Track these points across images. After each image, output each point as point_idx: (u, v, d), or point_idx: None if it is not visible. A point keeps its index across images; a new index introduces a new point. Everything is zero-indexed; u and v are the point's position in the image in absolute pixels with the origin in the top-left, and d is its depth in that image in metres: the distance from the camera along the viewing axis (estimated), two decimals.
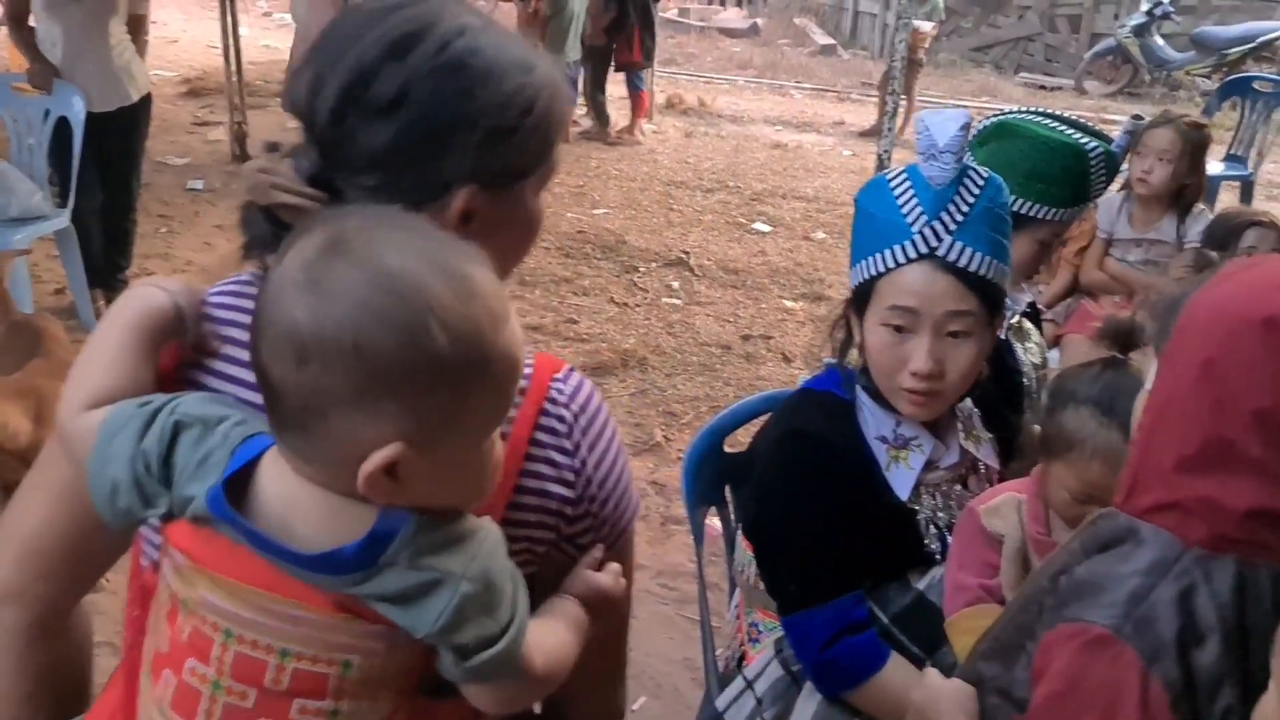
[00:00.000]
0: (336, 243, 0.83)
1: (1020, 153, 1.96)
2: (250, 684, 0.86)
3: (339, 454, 0.83)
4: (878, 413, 1.60)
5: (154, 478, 0.88)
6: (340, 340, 0.79)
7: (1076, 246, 3.78)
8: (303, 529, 0.85)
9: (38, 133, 4.48)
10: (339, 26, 1.02)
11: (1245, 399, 1.00)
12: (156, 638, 0.91)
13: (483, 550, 0.88)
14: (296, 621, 0.85)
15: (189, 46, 11.12)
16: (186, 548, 0.87)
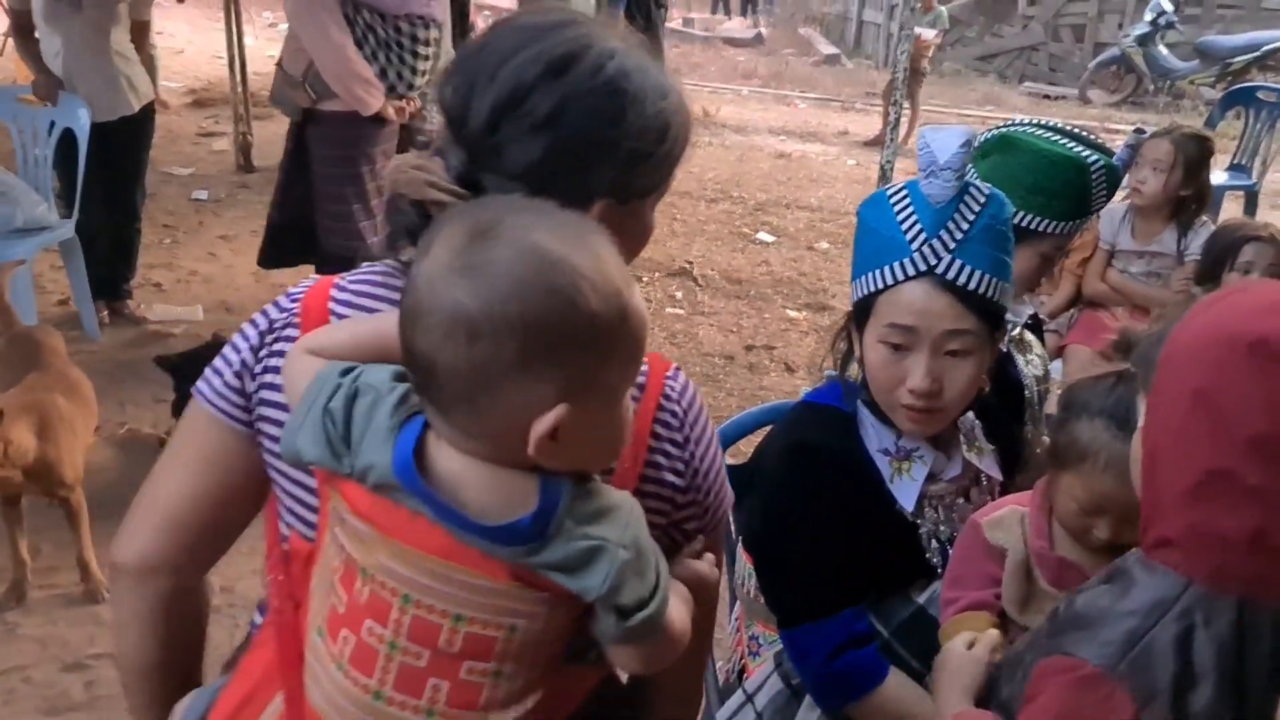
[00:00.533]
0: (484, 229, 0.90)
1: (1022, 166, 1.96)
2: (425, 645, 0.93)
3: (507, 423, 0.90)
4: (879, 426, 1.60)
5: (340, 438, 0.95)
6: (508, 313, 0.87)
7: (1079, 257, 3.78)
8: (472, 501, 0.92)
9: (43, 144, 4.50)
10: (496, 39, 1.09)
11: (1240, 426, 0.98)
12: (331, 599, 0.97)
13: (632, 519, 0.96)
14: (472, 589, 0.92)
15: (194, 57, 11.16)
16: (369, 515, 0.94)
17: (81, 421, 3.11)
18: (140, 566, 1.16)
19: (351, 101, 3.83)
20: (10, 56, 8.34)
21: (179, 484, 1.15)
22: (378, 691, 0.94)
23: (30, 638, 2.85)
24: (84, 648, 2.81)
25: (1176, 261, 3.66)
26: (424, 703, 0.94)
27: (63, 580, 3.06)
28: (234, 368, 1.16)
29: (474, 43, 1.11)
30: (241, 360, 1.16)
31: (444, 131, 1.11)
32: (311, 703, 0.99)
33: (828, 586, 1.56)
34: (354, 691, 0.95)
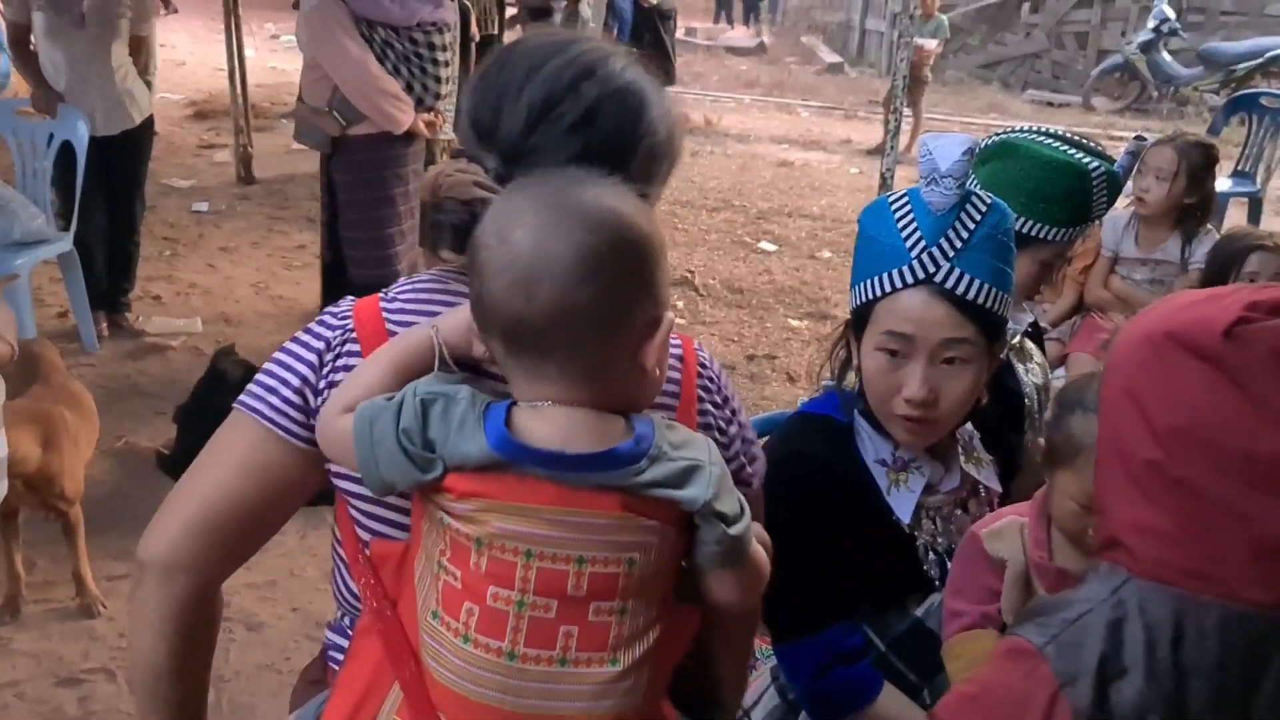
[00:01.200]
0: (557, 192, 1.03)
1: (1022, 172, 1.93)
2: (553, 595, 1.00)
3: (630, 344, 1.03)
4: (876, 437, 1.57)
5: (419, 449, 1.01)
6: (621, 240, 1.00)
7: (1082, 265, 3.75)
8: (575, 447, 1.00)
9: (42, 157, 4.50)
10: (517, 55, 1.18)
11: (1160, 418, 1.00)
12: (442, 579, 1.03)
13: (712, 447, 1.08)
14: (589, 528, 1.00)
15: (195, 69, 11.18)
16: (476, 491, 1.00)
17: (84, 435, 3.10)
18: (167, 564, 1.16)
19: (382, 120, 3.81)
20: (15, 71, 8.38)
21: (219, 486, 1.16)
22: (511, 652, 1.00)
23: (24, 652, 2.82)
24: (78, 663, 2.79)
25: (1180, 270, 3.63)
26: (557, 652, 1.00)
27: (58, 595, 3.05)
28: (293, 385, 1.17)
29: (494, 60, 1.20)
30: (302, 378, 1.18)
31: (472, 142, 1.18)
32: (441, 682, 1.03)
33: (820, 601, 1.54)
34: (486, 658, 1.00)
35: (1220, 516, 0.99)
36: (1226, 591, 0.99)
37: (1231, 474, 0.98)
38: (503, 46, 1.25)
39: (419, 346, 1.10)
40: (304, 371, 1.18)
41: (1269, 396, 0.96)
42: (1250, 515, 0.97)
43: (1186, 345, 1.00)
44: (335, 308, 1.23)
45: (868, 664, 1.52)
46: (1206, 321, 0.99)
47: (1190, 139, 3.68)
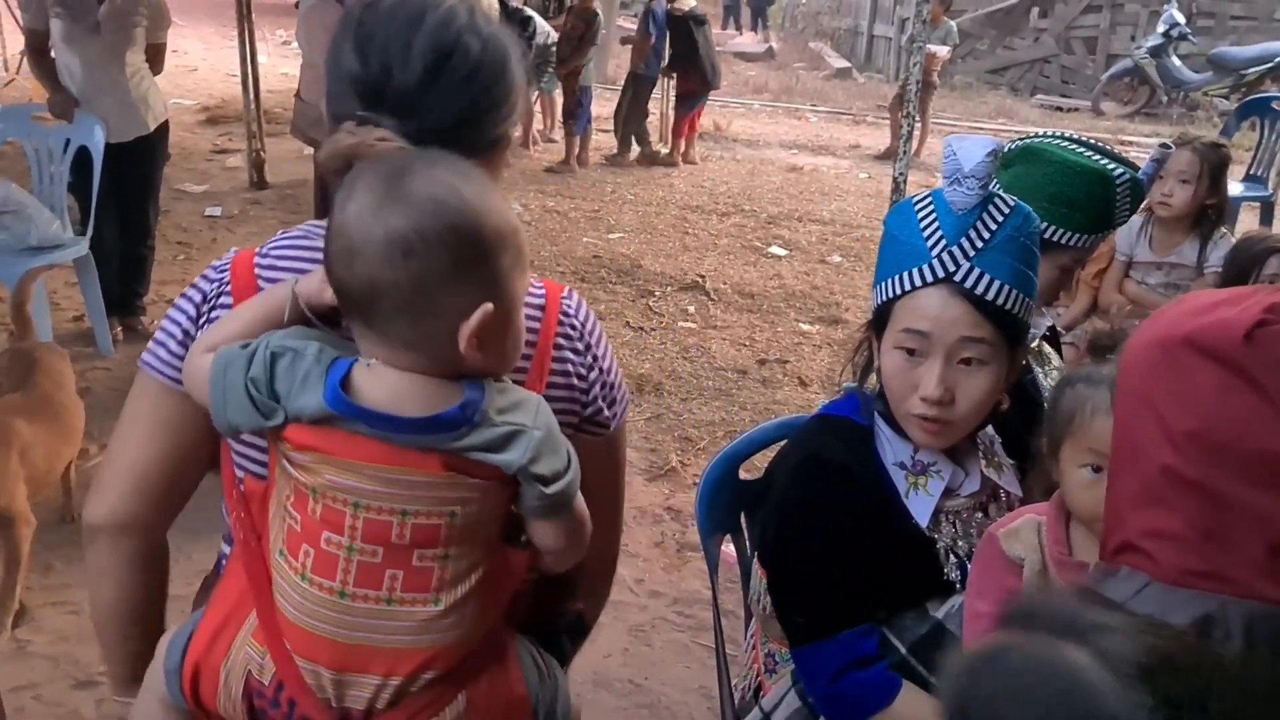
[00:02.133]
0: (398, 172, 1.07)
1: (1045, 177, 1.93)
2: (378, 543, 1.09)
3: (442, 327, 1.06)
4: (895, 439, 1.57)
5: (265, 397, 1.08)
6: (436, 229, 1.04)
7: (1095, 268, 3.75)
8: (406, 409, 1.07)
9: (58, 162, 4.52)
10: (390, 10, 1.20)
11: (1175, 421, 1.00)
12: (287, 523, 1.12)
13: (541, 409, 1.14)
14: (412, 485, 1.08)
15: (208, 75, 11.24)
16: (311, 444, 1.08)
17: (43, 450, 2.98)
18: (113, 526, 1.26)
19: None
20: (25, 75, 8.41)
21: (141, 448, 1.25)
22: (341, 591, 1.10)
23: (41, 655, 2.83)
24: (95, 665, 2.80)
25: (1196, 273, 3.63)
26: (383, 593, 1.11)
27: (74, 597, 3.05)
28: (177, 338, 1.26)
29: (359, 19, 1.22)
30: (183, 330, 1.26)
31: (354, 102, 1.19)
32: (285, 614, 1.13)
33: (836, 604, 1.53)
34: (320, 595, 1.11)
35: (1237, 518, 0.98)
36: (1247, 591, 1.00)
37: (1248, 475, 0.98)
38: (359, 6, 1.24)
39: (284, 300, 1.16)
40: (185, 324, 1.26)
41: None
42: (1267, 515, 0.98)
43: (1204, 349, 1.00)
44: (218, 260, 1.30)
45: (883, 668, 1.51)
46: (1225, 325, 0.99)
47: (1205, 140, 3.68)
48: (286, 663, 1.14)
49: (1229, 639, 1.00)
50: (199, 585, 1.46)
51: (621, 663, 2.96)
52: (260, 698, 1.16)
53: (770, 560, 1.65)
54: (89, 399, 4.21)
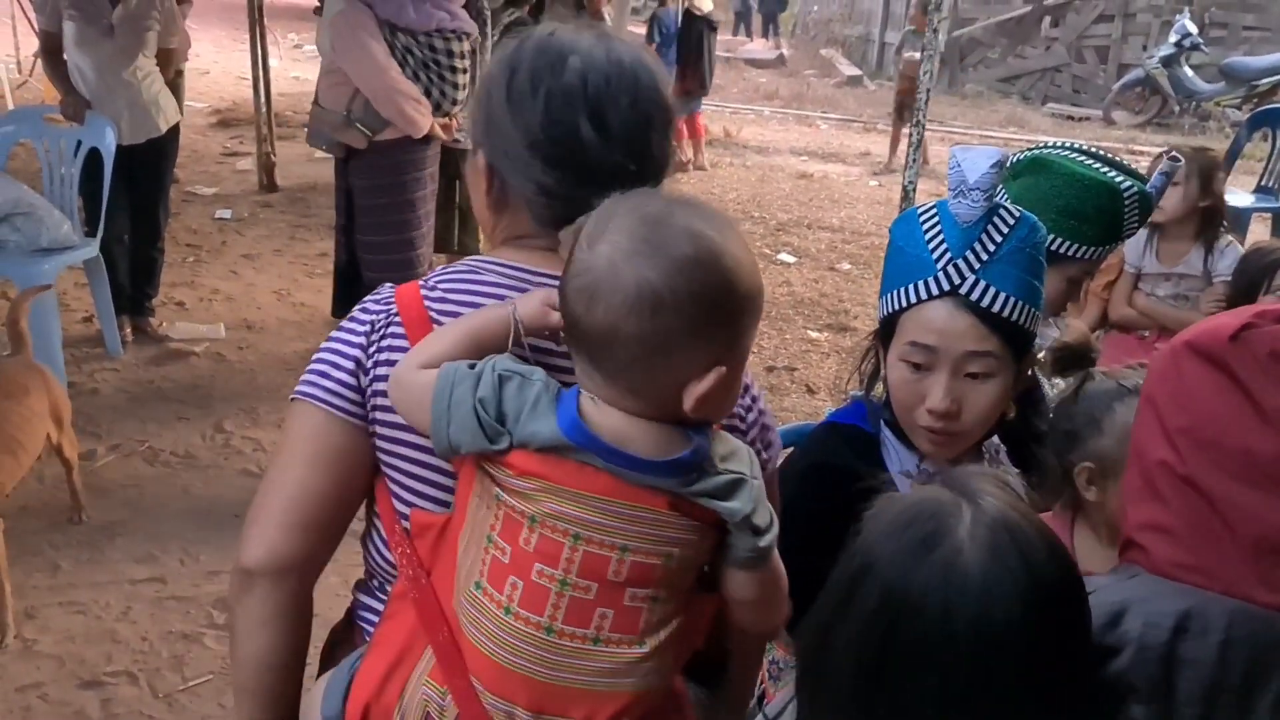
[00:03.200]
0: (657, 219, 1.05)
1: (1053, 188, 1.93)
2: (594, 579, 1.06)
3: (672, 382, 1.05)
4: (901, 448, 1.57)
5: (492, 419, 1.06)
6: (688, 289, 1.02)
7: (1105, 280, 3.74)
8: (636, 449, 1.06)
9: (69, 163, 4.54)
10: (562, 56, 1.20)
11: (1172, 420, 1.05)
12: (491, 553, 1.09)
13: (754, 460, 1.13)
14: (637, 520, 1.06)
15: (219, 78, 11.27)
16: (538, 471, 1.06)
17: None
18: (276, 568, 1.19)
19: (404, 124, 3.85)
20: (38, 77, 8.45)
21: (299, 483, 1.20)
22: (549, 627, 1.07)
23: (47, 655, 2.84)
24: (101, 665, 2.81)
25: (1205, 282, 3.61)
26: (591, 630, 1.07)
27: (81, 598, 3.06)
28: (346, 368, 1.21)
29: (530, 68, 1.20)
30: (354, 360, 1.21)
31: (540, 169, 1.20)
32: (480, 649, 1.09)
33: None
34: (525, 630, 1.07)
35: (1223, 514, 1.01)
36: (1231, 589, 1.01)
37: (1232, 472, 1.01)
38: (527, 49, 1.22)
39: (497, 321, 1.14)
40: (354, 354, 1.21)
41: (1268, 398, 0.99)
42: (1251, 514, 1.00)
43: (1197, 350, 1.05)
44: (376, 294, 1.25)
45: None
46: (1218, 329, 1.04)
47: (1190, 147, 3.71)
48: (470, 702, 1.10)
49: (1208, 633, 1.02)
50: (325, 639, 1.38)
51: None
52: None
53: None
54: (98, 400, 4.25)
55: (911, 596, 0.93)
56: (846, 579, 1.02)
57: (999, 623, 0.91)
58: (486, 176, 1.24)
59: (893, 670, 0.94)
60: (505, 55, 1.23)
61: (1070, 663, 0.94)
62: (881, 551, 0.98)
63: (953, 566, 0.92)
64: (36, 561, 3.21)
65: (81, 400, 4.07)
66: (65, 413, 3.31)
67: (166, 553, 3.29)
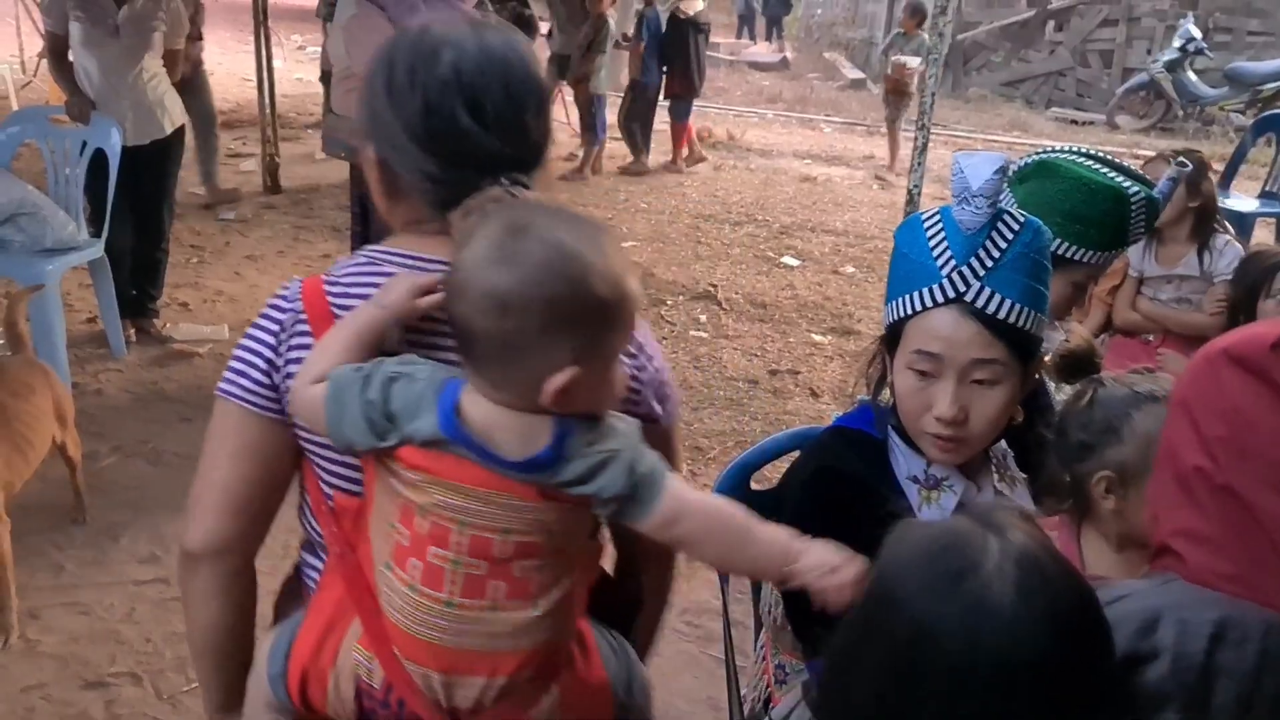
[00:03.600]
0: (518, 228, 1.13)
1: (1060, 193, 1.92)
2: (482, 557, 1.16)
3: (529, 379, 1.13)
4: (909, 453, 1.57)
5: (381, 419, 1.15)
6: (533, 295, 1.10)
7: (1109, 284, 3.74)
8: (502, 442, 1.15)
9: (74, 164, 4.54)
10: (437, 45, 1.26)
11: (1209, 427, 1.04)
12: (394, 537, 1.19)
13: (629, 430, 1.21)
14: (512, 509, 1.15)
15: (223, 79, 11.25)
16: (422, 465, 1.15)
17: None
18: (215, 549, 1.31)
19: None
20: (43, 78, 8.47)
21: (231, 472, 1.29)
22: (449, 601, 1.17)
23: (50, 655, 2.84)
24: (104, 666, 2.81)
25: (1205, 283, 3.62)
26: (487, 601, 1.18)
27: (85, 598, 3.07)
28: (260, 368, 1.29)
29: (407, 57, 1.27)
30: (267, 360, 1.28)
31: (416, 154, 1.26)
32: (393, 621, 1.20)
33: None
34: (428, 604, 1.17)
35: (1261, 524, 1.00)
36: (1271, 599, 1.00)
37: (1273, 483, 1.00)
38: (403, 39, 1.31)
39: (373, 319, 1.22)
40: (266, 354, 1.28)
41: None
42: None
43: (1236, 358, 1.03)
44: (285, 289, 1.32)
45: None
46: (1257, 337, 1.03)
47: (1175, 150, 3.75)
48: (395, 667, 1.21)
49: (1246, 643, 1.01)
50: (280, 587, 1.50)
51: None
52: (370, 699, 1.23)
53: None
54: (101, 400, 4.25)
55: (938, 630, 0.93)
56: (869, 608, 1.01)
57: (1026, 657, 0.91)
58: (378, 168, 1.31)
59: (917, 702, 0.94)
60: (382, 52, 1.30)
61: (1094, 692, 0.94)
62: (907, 583, 0.98)
63: (981, 601, 0.92)
64: (40, 562, 3.21)
65: (85, 401, 4.08)
66: (69, 412, 3.31)
67: (170, 554, 3.28)
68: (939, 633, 0.93)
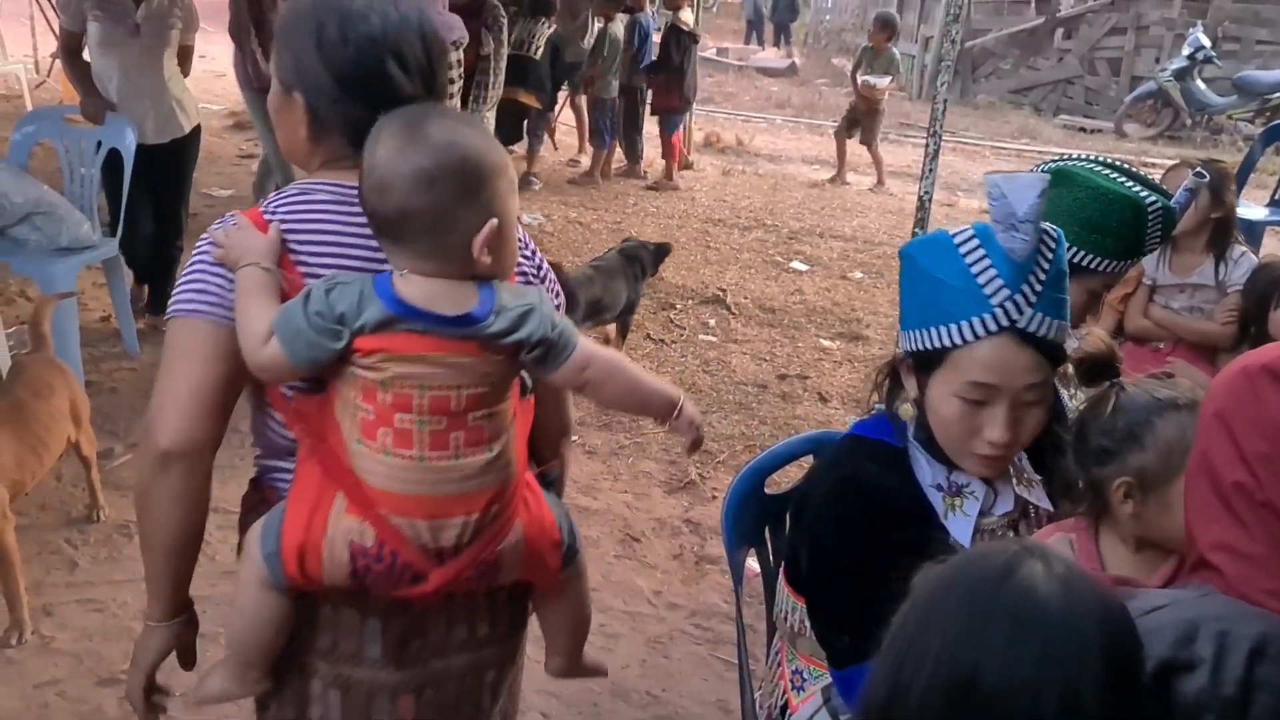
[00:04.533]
0: (417, 121, 1.36)
1: (1077, 202, 1.93)
2: (441, 414, 1.35)
3: (459, 241, 1.34)
4: (930, 462, 1.58)
5: (330, 323, 1.32)
6: (452, 164, 1.33)
7: (1121, 291, 3.74)
8: (440, 307, 1.34)
9: (89, 163, 4.57)
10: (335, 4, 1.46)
11: (1250, 443, 1.03)
12: (357, 418, 1.35)
13: (541, 293, 1.45)
14: (459, 367, 1.35)
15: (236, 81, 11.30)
16: (379, 347, 1.33)
17: (8, 454, 2.90)
18: (190, 449, 1.39)
19: None
20: (56, 77, 8.49)
21: (200, 375, 1.40)
22: (420, 457, 1.35)
23: (65, 652, 2.86)
24: (119, 663, 2.82)
25: (1219, 293, 3.62)
26: (450, 451, 1.36)
27: (99, 595, 3.08)
28: (218, 283, 1.42)
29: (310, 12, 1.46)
30: (223, 275, 1.42)
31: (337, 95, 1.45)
32: (376, 486, 1.36)
33: (879, 627, 1.54)
34: (403, 464, 1.35)
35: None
36: None
37: None
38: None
39: (263, 278, 1.38)
40: (221, 270, 1.42)
41: None
42: None
43: (1277, 375, 1.03)
44: (223, 221, 1.46)
45: None
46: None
47: (1200, 159, 3.71)
48: (383, 525, 1.37)
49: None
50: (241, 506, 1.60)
51: (639, 674, 2.97)
52: (364, 558, 1.38)
53: (810, 583, 1.65)
54: (115, 399, 4.27)
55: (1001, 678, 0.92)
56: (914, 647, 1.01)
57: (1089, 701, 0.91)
58: (307, 112, 1.47)
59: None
60: (303, 11, 1.46)
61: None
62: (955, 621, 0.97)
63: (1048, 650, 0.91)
64: (54, 559, 3.23)
65: (99, 399, 4.09)
66: (84, 411, 3.33)
67: None
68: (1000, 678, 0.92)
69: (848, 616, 1.56)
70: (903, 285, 1.60)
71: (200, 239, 1.47)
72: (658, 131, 8.97)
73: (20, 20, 10.13)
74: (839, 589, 1.58)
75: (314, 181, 1.48)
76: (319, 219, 1.44)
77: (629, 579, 3.41)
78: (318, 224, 1.44)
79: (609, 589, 3.34)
